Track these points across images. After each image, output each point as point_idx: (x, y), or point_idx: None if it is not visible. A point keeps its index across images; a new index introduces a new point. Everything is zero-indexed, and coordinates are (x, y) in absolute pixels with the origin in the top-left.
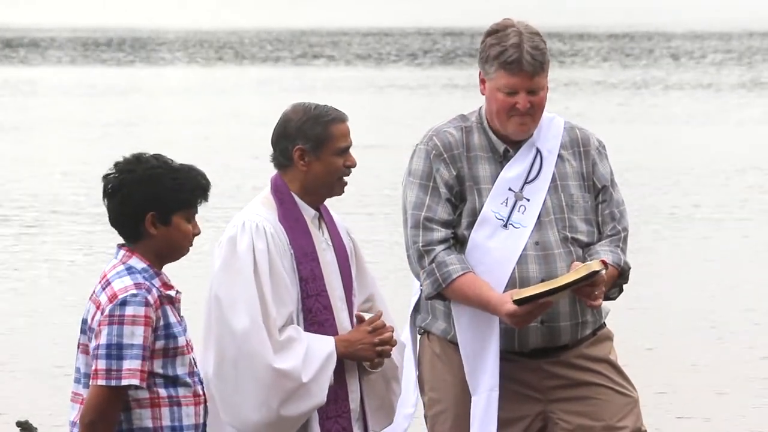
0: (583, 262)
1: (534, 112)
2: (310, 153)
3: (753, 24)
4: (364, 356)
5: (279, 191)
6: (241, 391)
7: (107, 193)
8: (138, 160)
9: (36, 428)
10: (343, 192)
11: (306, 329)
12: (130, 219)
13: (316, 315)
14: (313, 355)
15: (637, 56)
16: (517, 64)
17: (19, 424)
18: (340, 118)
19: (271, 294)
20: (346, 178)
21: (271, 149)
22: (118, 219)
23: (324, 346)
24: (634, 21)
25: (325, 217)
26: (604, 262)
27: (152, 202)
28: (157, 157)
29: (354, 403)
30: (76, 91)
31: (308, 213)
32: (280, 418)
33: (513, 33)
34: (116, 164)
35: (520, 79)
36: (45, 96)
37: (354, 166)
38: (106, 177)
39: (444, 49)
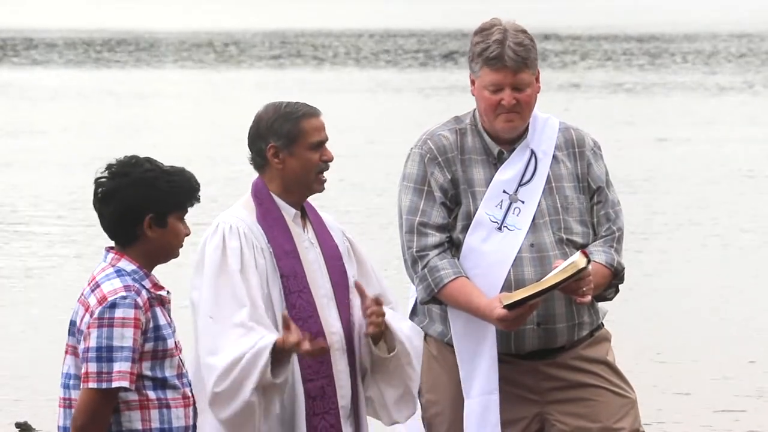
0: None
1: (521, 109)
2: (284, 150)
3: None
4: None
5: (259, 193)
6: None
7: (100, 198)
8: (131, 163)
9: (35, 429)
10: (323, 189)
11: None
12: (127, 222)
13: (300, 311)
14: (240, 359)
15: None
16: (499, 59)
17: (18, 425)
18: (311, 112)
19: (240, 291)
20: (324, 174)
21: (249, 151)
22: (114, 223)
23: (257, 345)
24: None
25: (310, 217)
26: (584, 253)
27: (150, 205)
28: (150, 160)
29: (344, 400)
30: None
31: (288, 212)
32: (219, 418)
33: (497, 30)
34: (109, 167)
35: (503, 75)
36: (38, 98)
37: (331, 159)
38: (98, 181)
39: (445, 50)
